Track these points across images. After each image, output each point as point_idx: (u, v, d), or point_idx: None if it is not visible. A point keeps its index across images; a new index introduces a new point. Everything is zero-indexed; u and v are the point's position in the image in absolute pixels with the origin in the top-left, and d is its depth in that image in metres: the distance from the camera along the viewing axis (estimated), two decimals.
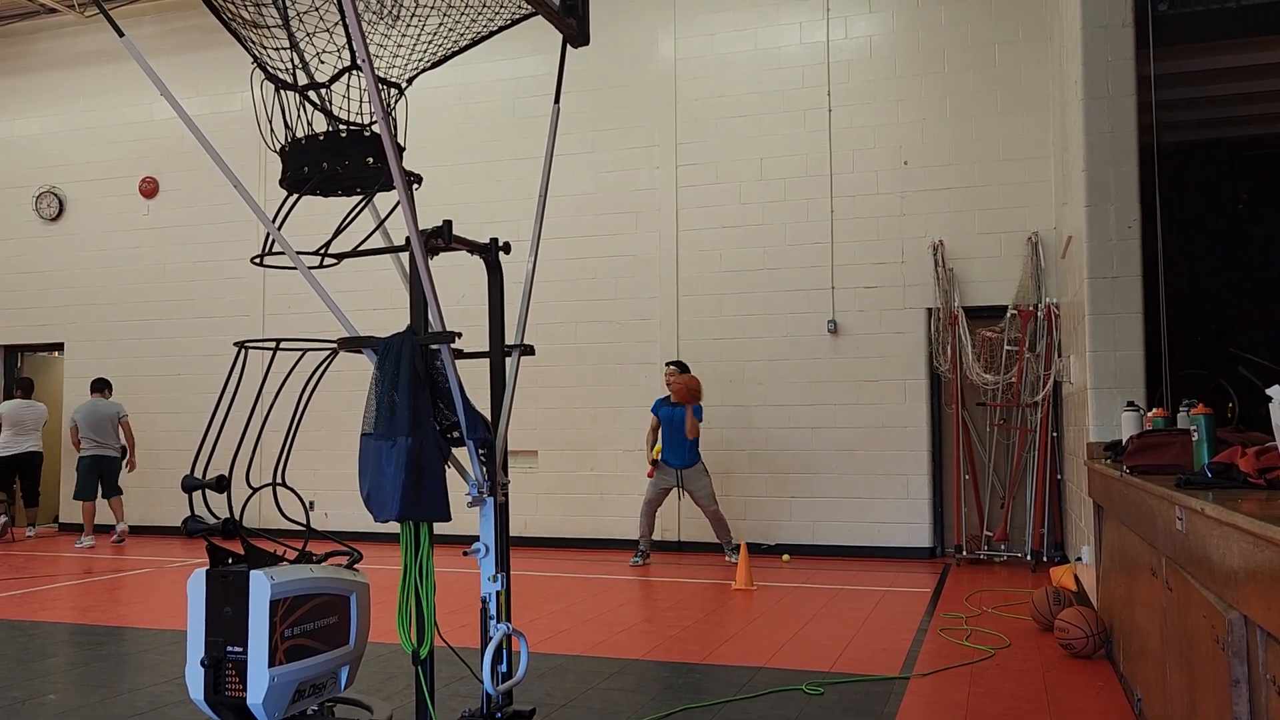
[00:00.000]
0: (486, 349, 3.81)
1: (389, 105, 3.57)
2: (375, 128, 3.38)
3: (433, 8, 3.64)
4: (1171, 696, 3.34)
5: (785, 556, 9.33)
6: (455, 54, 3.81)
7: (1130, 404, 5.33)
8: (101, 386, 11.21)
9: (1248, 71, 7.76)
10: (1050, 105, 9.00)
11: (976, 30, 9.38)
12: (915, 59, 9.55)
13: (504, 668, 3.54)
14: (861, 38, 9.73)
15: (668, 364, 9.27)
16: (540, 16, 3.89)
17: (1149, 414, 4.95)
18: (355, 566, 3.67)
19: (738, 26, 10.09)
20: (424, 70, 3.75)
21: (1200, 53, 7.33)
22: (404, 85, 3.68)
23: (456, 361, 3.42)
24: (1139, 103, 6.00)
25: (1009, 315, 8.84)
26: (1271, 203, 10.33)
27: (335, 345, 3.50)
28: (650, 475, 9.13)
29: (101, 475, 10.99)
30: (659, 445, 9.12)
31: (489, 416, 3.62)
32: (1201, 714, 2.83)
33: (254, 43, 3.46)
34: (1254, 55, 7.39)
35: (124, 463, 11.15)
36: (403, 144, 3.63)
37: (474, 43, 3.80)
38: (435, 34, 3.72)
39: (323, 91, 3.62)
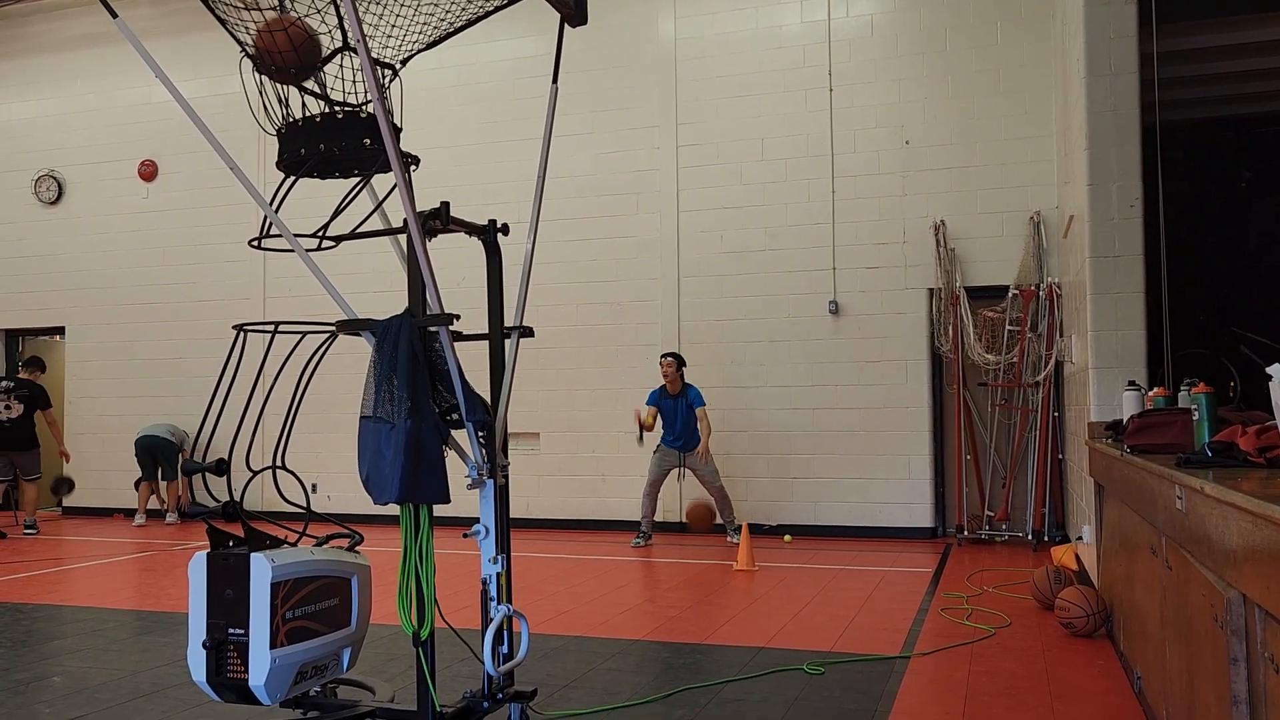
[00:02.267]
0: (486, 331, 3.80)
1: (384, 86, 3.55)
2: (371, 109, 3.36)
3: None
4: (1171, 675, 3.35)
5: (787, 537, 9.35)
6: (451, 34, 3.78)
7: (1131, 383, 5.32)
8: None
9: (1251, 49, 7.70)
10: (1052, 84, 8.95)
11: (978, 8, 9.31)
12: (917, 37, 9.49)
13: (505, 649, 3.55)
14: (863, 16, 9.67)
15: (664, 355, 9.16)
16: None
17: (1150, 393, 4.94)
18: (356, 549, 3.67)
19: (738, 5, 10.03)
20: (420, 51, 3.72)
21: (1204, 29, 7.28)
22: (398, 66, 3.65)
23: (455, 344, 3.41)
24: (1141, 80, 5.96)
25: (1011, 295, 8.81)
26: (1275, 181, 10.29)
27: (334, 328, 3.50)
28: (642, 428, 9.01)
29: (154, 458, 11.19)
30: (649, 419, 9.05)
31: (488, 399, 3.61)
32: (1200, 692, 2.83)
33: (243, 26, 3.43)
34: (1257, 32, 7.34)
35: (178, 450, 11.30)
36: (400, 125, 3.61)
37: (470, 23, 3.77)
38: (431, 14, 3.69)
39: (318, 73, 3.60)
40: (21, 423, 10.47)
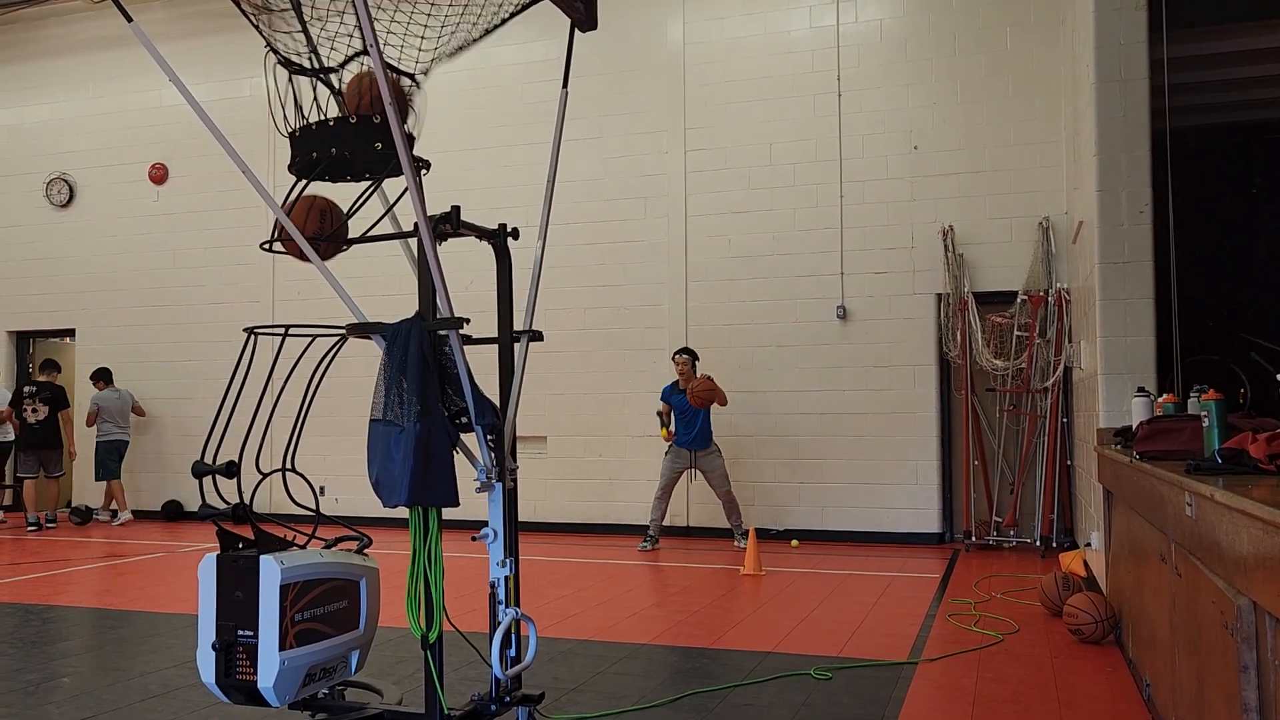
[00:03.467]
0: (495, 335, 3.81)
1: (407, 95, 3.57)
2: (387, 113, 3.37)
3: None
4: (1180, 682, 3.34)
5: (794, 542, 9.34)
6: (470, 44, 3.79)
7: (1141, 389, 5.31)
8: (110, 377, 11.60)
9: (1262, 55, 7.69)
10: (1062, 89, 8.94)
11: (988, 13, 9.31)
12: (926, 42, 9.49)
13: (513, 652, 3.56)
14: (872, 21, 9.67)
15: (676, 352, 9.24)
16: (549, 1, 3.88)
17: (1159, 399, 4.93)
18: (365, 551, 3.68)
19: (747, 10, 10.04)
20: (439, 60, 3.73)
21: (1214, 36, 7.27)
22: (419, 76, 3.67)
23: (465, 347, 3.42)
24: (1152, 86, 5.96)
25: (1019, 301, 8.80)
26: None
27: (344, 331, 3.51)
28: (667, 438, 9.17)
29: (119, 458, 11.48)
30: (669, 427, 9.14)
31: (497, 402, 3.62)
32: (1210, 700, 2.83)
33: (265, 26, 3.45)
34: (1268, 38, 7.33)
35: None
36: (416, 134, 3.62)
37: (487, 32, 3.78)
38: (447, 21, 3.70)
39: (334, 76, 3.62)
40: (48, 423, 11.09)
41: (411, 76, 3.63)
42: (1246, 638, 2.39)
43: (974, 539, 8.90)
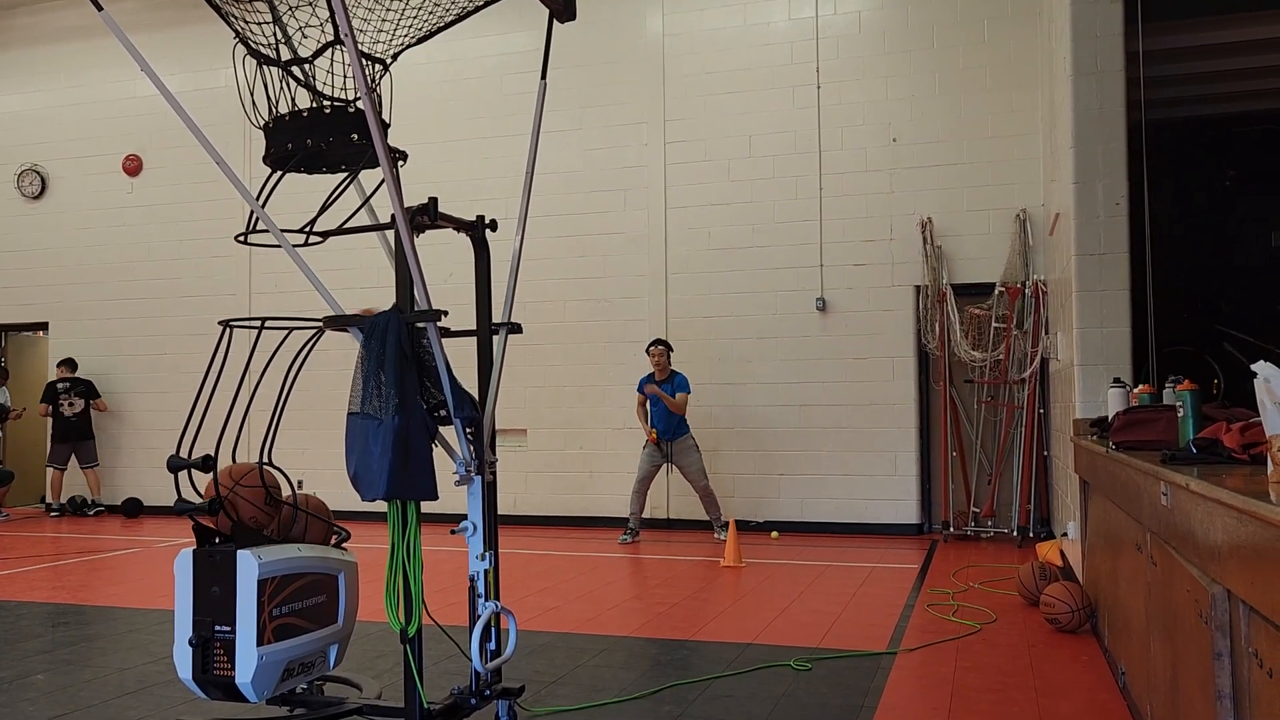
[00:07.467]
0: (474, 327, 3.79)
1: (374, 81, 3.54)
2: (360, 104, 3.35)
3: None
4: (1155, 670, 3.37)
5: (774, 533, 9.37)
6: (441, 30, 3.76)
7: (1116, 380, 5.35)
8: None
9: (1237, 48, 7.76)
10: (1039, 82, 8.98)
11: (966, 6, 9.34)
12: (904, 35, 9.51)
13: (493, 645, 3.55)
14: (850, 13, 9.68)
15: (651, 344, 9.19)
16: None
17: (1135, 390, 4.97)
18: (343, 545, 3.66)
19: (726, 1, 10.02)
20: (409, 46, 3.71)
21: (1190, 28, 7.33)
22: (389, 61, 3.64)
23: (443, 340, 3.40)
24: (1128, 79, 5.99)
25: (997, 292, 8.85)
26: (1259, 179, 10.36)
27: (321, 324, 3.48)
28: (653, 439, 9.08)
29: None
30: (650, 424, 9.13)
31: (476, 395, 3.60)
32: (1184, 687, 2.85)
33: (236, 17, 3.41)
34: (1243, 31, 7.39)
35: None
36: (388, 120, 3.59)
37: (460, 17, 3.76)
38: (420, 8, 3.67)
39: (306, 67, 3.58)
40: (83, 415, 11.61)
41: (383, 62, 3.60)
42: (1221, 626, 2.42)
43: (952, 529, 8.95)
